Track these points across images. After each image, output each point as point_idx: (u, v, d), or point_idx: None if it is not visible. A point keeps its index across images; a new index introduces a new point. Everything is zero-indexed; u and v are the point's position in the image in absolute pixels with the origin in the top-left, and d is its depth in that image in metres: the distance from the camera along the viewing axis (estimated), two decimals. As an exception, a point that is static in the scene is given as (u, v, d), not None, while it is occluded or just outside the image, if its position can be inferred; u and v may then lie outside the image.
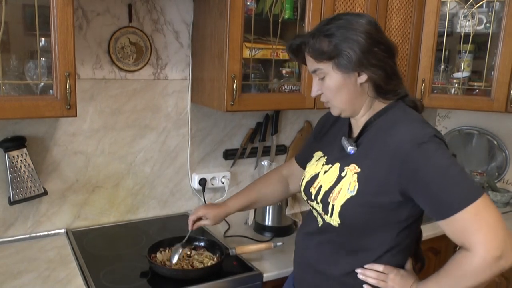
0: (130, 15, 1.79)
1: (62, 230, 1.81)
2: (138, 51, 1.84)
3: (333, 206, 1.15)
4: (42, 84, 1.44)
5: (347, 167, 1.16)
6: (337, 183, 1.16)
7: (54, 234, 1.79)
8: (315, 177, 1.25)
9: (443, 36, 2.17)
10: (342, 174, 1.16)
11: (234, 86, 1.67)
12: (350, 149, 1.17)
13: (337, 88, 1.14)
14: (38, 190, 1.67)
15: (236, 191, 1.70)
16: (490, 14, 2.09)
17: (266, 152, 2.25)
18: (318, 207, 1.21)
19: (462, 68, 2.18)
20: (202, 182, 2.06)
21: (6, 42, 1.47)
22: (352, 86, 1.13)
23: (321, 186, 1.21)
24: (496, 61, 2.07)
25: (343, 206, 1.13)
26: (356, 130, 1.22)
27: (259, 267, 1.56)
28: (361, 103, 1.17)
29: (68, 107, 1.41)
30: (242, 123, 2.15)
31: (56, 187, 1.78)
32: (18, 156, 1.62)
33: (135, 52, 1.83)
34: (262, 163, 2.16)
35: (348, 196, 1.12)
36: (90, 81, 1.77)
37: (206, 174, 2.08)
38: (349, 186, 1.13)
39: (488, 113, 2.42)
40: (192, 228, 1.58)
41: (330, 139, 1.31)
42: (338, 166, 1.19)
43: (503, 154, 2.51)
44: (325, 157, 1.27)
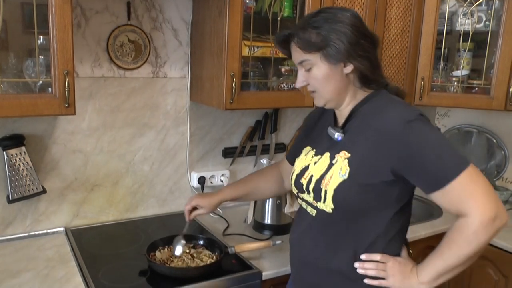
0: (129, 13, 1.79)
1: (61, 229, 1.81)
2: (137, 49, 1.83)
3: (325, 191, 1.16)
4: (41, 82, 1.44)
5: (337, 154, 1.18)
6: (328, 170, 1.18)
7: (53, 233, 1.79)
8: (305, 169, 1.26)
9: (443, 34, 2.16)
10: (333, 162, 1.18)
11: (233, 84, 1.67)
12: (338, 135, 1.20)
13: (324, 78, 1.16)
14: (37, 188, 1.67)
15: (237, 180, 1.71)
16: (489, 12, 2.09)
17: (265, 150, 2.25)
18: (309, 197, 1.23)
19: (462, 66, 2.18)
20: (201, 181, 2.06)
21: (4, 40, 1.47)
22: (338, 76, 1.16)
23: (312, 176, 1.22)
24: (495, 59, 2.06)
25: (336, 190, 1.14)
26: (341, 119, 1.25)
27: (258, 266, 1.56)
28: (346, 93, 1.20)
29: (66, 105, 1.40)
30: (241, 121, 2.15)
31: (55, 186, 1.77)
32: (16, 154, 1.62)
33: (134, 50, 1.83)
34: (261, 161, 2.16)
35: (340, 180, 1.14)
36: (88, 79, 1.77)
37: (205, 172, 2.08)
38: (340, 171, 1.15)
39: (487, 111, 2.42)
40: (189, 218, 1.58)
41: (317, 134, 1.33)
42: (328, 155, 1.21)
43: (502, 152, 2.51)
44: (313, 150, 1.28)
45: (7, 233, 1.72)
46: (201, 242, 1.65)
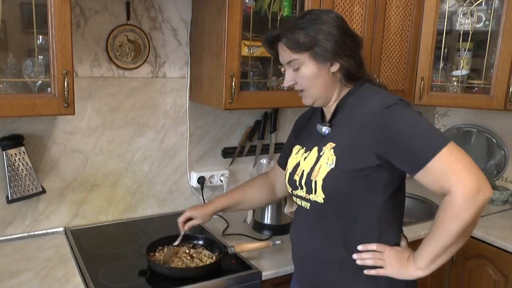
0: (128, 13, 1.78)
1: (61, 229, 1.80)
2: (136, 49, 1.83)
3: (315, 182, 1.19)
4: (40, 82, 1.44)
5: (324, 146, 1.21)
6: (316, 162, 1.21)
7: (53, 233, 1.79)
8: (297, 166, 1.29)
9: (442, 34, 2.16)
10: (320, 154, 1.22)
11: (233, 84, 1.67)
12: (325, 129, 1.25)
13: (312, 77, 1.20)
14: (36, 188, 1.67)
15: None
16: (489, 12, 2.09)
17: (265, 150, 2.24)
18: (302, 192, 1.25)
19: (461, 66, 2.18)
20: (201, 180, 2.06)
21: (3, 40, 1.47)
22: (325, 75, 1.20)
23: (303, 171, 1.25)
24: (495, 59, 2.06)
25: (325, 179, 1.18)
26: (328, 115, 1.29)
27: (258, 266, 1.56)
28: (333, 91, 1.24)
29: (66, 105, 1.40)
30: (240, 121, 2.15)
31: (54, 186, 1.77)
32: (16, 154, 1.62)
33: (133, 50, 1.82)
34: (261, 161, 2.16)
35: (328, 169, 1.18)
36: (88, 79, 1.77)
37: (205, 172, 2.08)
38: (327, 161, 1.18)
39: (487, 111, 2.42)
40: (183, 229, 1.60)
41: (307, 133, 1.36)
42: (316, 149, 1.24)
43: (502, 152, 2.51)
44: (303, 148, 1.31)
45: (7, 233, 1.71)
46: (200, 242, 1.65)
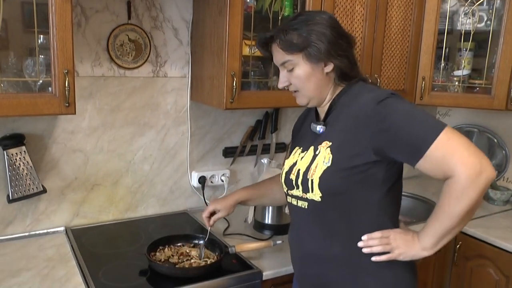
0: (129, 12, 1.78)
1: (61, 228, 1.80)
2: (137, 49, 1.83)
3: (312, 181, 1.20)
4: (41, 81, 1.44)
5: (320, 145, 1.22)
6: (313, 161, 1.22)
7: (53, 232, 1.79)
8: (293, 165, 1.29)
9: (444, 33, 2.16)
10: (316, 152, 1.22)
11: (234, 84, 1.67)
12: (319, 128, 1.25)
13: (306, 77, 1.21)
14: (37, 188, 1.67)
15: (235, 189, 1.70)
16: (490, 11, 2.09)
17: (266, 150, 2.24)
18: (299, 192, 1.25)
19: (463, 66, 2.18)
20: (202, 180, 2.06)
21: (4, 39, 1.47)
22: (319, 75, 1.21)
23: (299, 170, 1.25)
24: (496, 59, 2.06)
25: (321, 178, 1.18)
26: (322, 114, 1.30)
27: (259, 265, 1.56)
28: (327, 91, 1.25)
29: (66, 105, 1.40)
30: (241, 121, 2.15)
31: (55, 185, 1.77)
32: (17, 154, 1.62)
33: (134, 49, 1.82)
34: (262, 161, 2.15)
35: (324, 167, 1.18)
36: (89, 78, 1.77)
37: (206, 172, 2.08)
38: (324, 159, 1.19)
39: (488, 111, 2.41)
40: (209, 224, 1.58)
41: (303, 134, 1.37)
42: (312, 148, 1.25)
43: (503, 152, 2.51)
44: (300, 148, 1.31)
45: (7, 232, 1.71)
46: (201, 242, 1.65)
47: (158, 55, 1.89)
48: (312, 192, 1.20)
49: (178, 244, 1.63)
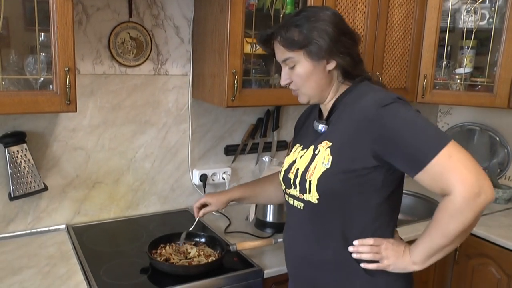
0: (130, 10, 1.78)
1: (63, 226, 1.81)
2: (139, 46, 1.83)
3: (310, 182, 1.17)
4: (42, 79, 1.44)
5: (320, 145, 1.20)
6: (312, 161, 1.19)
7: (55, 230, 1.79)
8: (292, 163, 1.27)
9: (445, 31, 2.15)
10: (316, 152, 1.20)
11: (235, 82, 1.66)
12: (321, 127, 1.22)
13: (307, 75, 1.19)
14: (38, 185, 1.67)
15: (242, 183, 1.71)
16: (493, 9, 2.08)
17: (267, 148, 2.24)
18: (296, 191, 1.23)
19: (464, 64, 2.17)
20: (203, 178, 2.06)
21: (6, 37, 1.46)
22: (321, 73, 1.19)
23: (298, 169, 1.23)
24: (498, 57, 2.05)
25: (320, 179, 1.15)
26: (325, 112, 1.27)
27: (260, 263, 1.56)
28: (329, 89, 1.22)
29: (68, 102, 1.40)
30: (243, 119, 2.15)
31: (56, 183, 1.77)
32: (18, 151, 1.62)
33: (135, 47, 1.82)
34: (263, 159, 2.15)
35: (323, 169, 1.15)
36: (90, 76, 1.77)
37: (207, 170, 2.08)
38: (323, 160, 1.16)
39: (490, 109, 2.41)
40: (198, 215, 1.59)
41: (304, 131, 1.35)
42: (312, 147, 1.23)
43: (505, 150, 2.50)
44: (301, 146, 1.30)
45: (9, 230, 1.72)
46: (202, 240, 1.65)
47: (160, 53, 1.89)
48: (309, 193, 1.18)
49: (179, 242, 1.63)
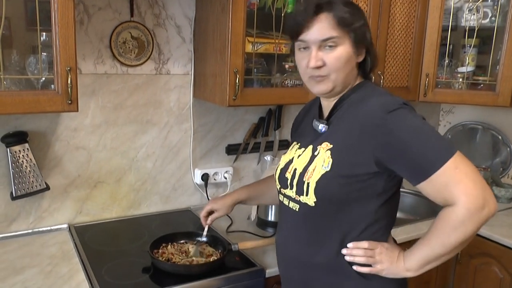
0: (131, 10, 1.78)
1: (64, 226, 1.81)
2: (140, 46, 1.83)
3: (308, 184, 1.14)
4: (43, 79, 1.44)
5: (320, 146, 1.17)
6: (310, 162, 1.16)
7: (56, 230, 1.79)
8: (289, 162, 1.24)
9: (448, 30, 2.15)
10: (315, 153, 1.17)
11: (237, 81, 1.66)
12: (322, 126, 1.19)
13: (346, 60, 1.13)
14: (40, 185, 1.67)
15: (238, 186, 1.70)
16: (495, 8, 2.07)
17: (269, 147, 2.24)
18: (292, 192, 1.20)
19: (467, 62, 2.16)
20: (205, 177, 2.06)
21: (7, 37, 1.46)
22: (353, 62, 1.15)
23: (295, 169, 1.20)
24: (501, 55, 2.04)
25: (318, 182, 1.12)
26: (326, 112, 1.23)
27: (262, 263, 1.56)
28: (350, 82, 1.18)
29: (69, 102, 1.40)
30: (244, 118, 2.15)
31: (58, 182, 1.78)
32: (20, 151, 1.62)
33: (137, 47, 1.82)
34: (265, 158, 2.15)
35: (322, 172, 1.12)
36: (91, 76, 1.77)
37: (209, 169, 2.08)
38: (323, 163, 1.13)
39: (492, 108, 2.40)
40: (205, 223, 1.58)
41: (302, 129, 1.32)
42: (311, 147, 1.20)
43: (508, 149, 2.50)
44: (298, 144, 1.27)
45: (11, 229, 1.72)
46: (204, 239, 1.65)
47: (161, 53, 1.89)
48: (306, 195, 1.15)
49: (181, 241, 1.63)
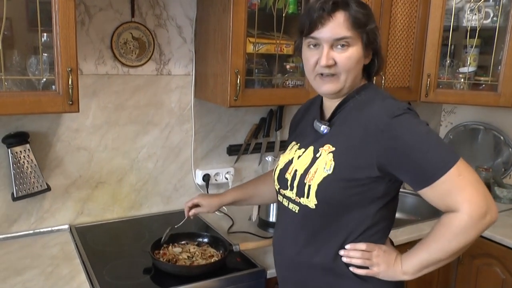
0: (132, 10, 1.78)
1: (66, 226, 1.81)
2: (141, 47, 1.83)
3: (309, 186, 1.13)
4: (44, 79, 1.44)
5: (321, 148, 1.16)
6: (312, 164, 1.16)
7: (58, 230, 1.79)
8: (289, 163, 1.23)
9: (449, 30, 2.14)
10: (317, 155, 1.16)
11: (238, 81, 1.66)
12: (324, 128, 1.18)
13: (356, 62, 1.13)
14: (41, 186, 1.67)
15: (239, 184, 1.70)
16: (497, 7, 2.07)
17: (270, 147, 2.24)
18: (292, 194, 1.19)
19: (468, 62, 2.16)
20: (206, 178, 2.06)
21: (8, 37, 1.46)
22: (361, 64, 1.16)
23: (296, 171, 1.19)
24: (503, 55, 2.04)
25: (320, 185, 1.12)
26: (328, 112, 1.23)
27: (263, 264, 1.56)
28: (356, 83, 1.18)
29: (70, 103, 1.40)
30: (245, 119, 2.14)
31: (59, 183, 1.78)
32: (21, 152, 1.62)
33: (138, 47, 1.82)
34: (266, 159, 2.15)
35: (324, 174, 1.12)
36: (92, 76, 1.77)
37: (210, 170, 2.07)
38: (325, 166, 1.12)
39: (494, 108, 2.39)
40: (187, 214, 1.58)
41: (302, 128, 1.31)
42: (312, 148, 1.19)
43: (510, 149, 2.49)
44: (297, 144, 1.26)
45: (12, 230, 1.72)
46: (205, 240, 1.65)
47: (162, 53, 1.89)
48: (307, 198, 1.14)
49: (182, 242, 1.63)
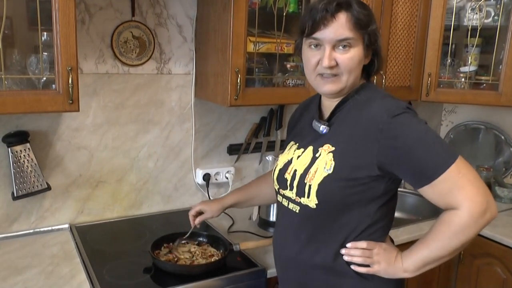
0: (133, 9, 1.78)
1: (66, 225, 1.81)
2: (141, 46, 1.82)
3: (309, 186, 1.14)
4: (45, 78, 1.43)
5: (321, 148, 1.16)
6: (312, 164, 1.16)
7: (58, 229, 1.79)
8: (288, 163, 1.23)
9: (450, 29, 2.14)
10: (317, 155, 1.16)
11: (238, 81, 1.66)
12: (323, 128, 1.18)
13: (358, 62, 1.14)
14: (41, 185, 1.67)
15: (240, 186, 1.69)
16: (498, 7, 2.06)
17: (271, 147, 2.23)
18: (292, 194, 1.19)
19: (469, 62, 2.16)
20: (206, 177, 2.05)
21: (9, 36, 1.46)
22: (361, 63, 1.16)
23: (295, 171, 1.19)
24: (504, 54, 2.04)
25: (320, 185, 1.12)
26: (326, 112, 1.22)
27: (263, 263, 1.56)
28: (356, 83, 1.18)
29: (70, 102, 1.40)
30: (246, 118, 2.14)
31: (59, 182, 1.77)
32: (21, 151, 1.62)
33: (138, 46, 1.82)
34: (267, 158, 2.15)
35: (324, 174, 1.12)
36: (93, 75, 1.76)
37: (210, 169, 2.07)
38: (325, 165, 1.13)
39: (495, 107, 2.39)
40: (193, 223, 1.59)
41: (300, 128, 1.31)
42: (311, 148, 1.19)
43: (510, 149, 2.49)
44: (296, 144, 1.26)
45: (12, 229, 1.72)
46: (205, 240, 1.64)
47: (162, 52, 1.88)
48: (308, 197, 1.15)
49: (182, 241, 1.63)
